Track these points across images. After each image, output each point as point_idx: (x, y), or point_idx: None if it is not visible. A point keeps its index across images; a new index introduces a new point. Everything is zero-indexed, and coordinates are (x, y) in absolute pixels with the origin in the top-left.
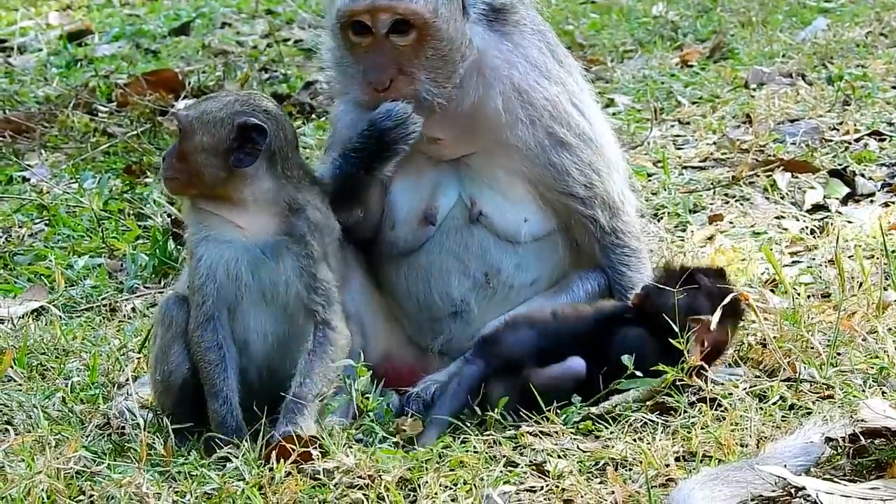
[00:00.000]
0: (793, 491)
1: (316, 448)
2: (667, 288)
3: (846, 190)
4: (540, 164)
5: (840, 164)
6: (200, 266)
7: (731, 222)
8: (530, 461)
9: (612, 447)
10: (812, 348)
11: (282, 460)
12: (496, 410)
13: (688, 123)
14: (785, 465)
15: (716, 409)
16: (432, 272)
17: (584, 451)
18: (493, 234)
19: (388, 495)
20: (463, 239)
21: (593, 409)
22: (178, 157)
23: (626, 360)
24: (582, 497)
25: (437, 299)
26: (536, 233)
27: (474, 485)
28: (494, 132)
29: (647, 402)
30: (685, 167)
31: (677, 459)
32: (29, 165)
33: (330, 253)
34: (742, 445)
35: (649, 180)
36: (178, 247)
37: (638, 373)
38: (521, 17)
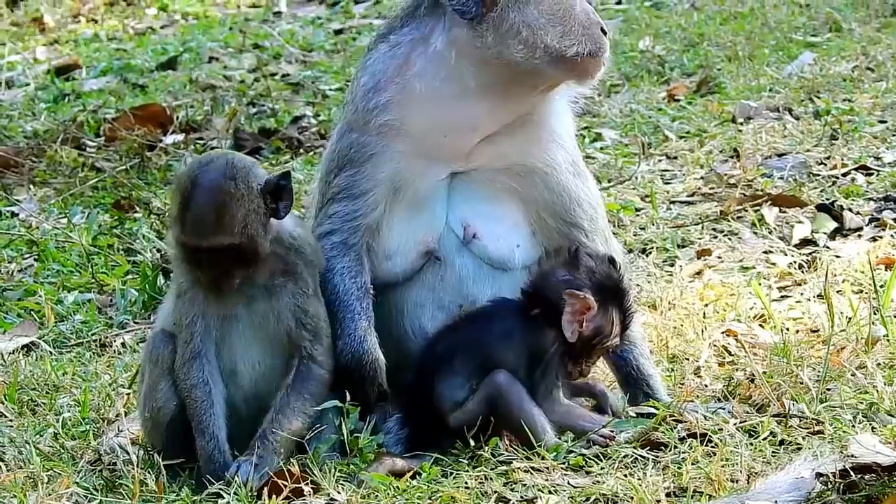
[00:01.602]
0: None
1: (307, 484)
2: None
3: (834, 224)
4: (556, 191)
5: (828, 199)
6: (189, 305)
7: (719, 257)
8: (521, 497)
9: (603, 483)
10: (801, 384)
11: (273, 496)
12: (487, 448)
13: (675, 158)
14: (776, 501)
15: (706, 445)
16: (407, 304)
17: (574, 487)
18: (485, 259)
19: None
20: (441, 269)
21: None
22: (238, 270)
23: (621, 400)
24: None
25: (410, 333)
26: (526, 260)
27: None
28: (533, 147)
29: (639, 438)
30: (673, 202)
31: (668, 495)
32: (17, 200)
33: (317, 285)
34: (733, 481)
35: (637, 215)
36: (168, 282)
37: (632, 412)
38: None
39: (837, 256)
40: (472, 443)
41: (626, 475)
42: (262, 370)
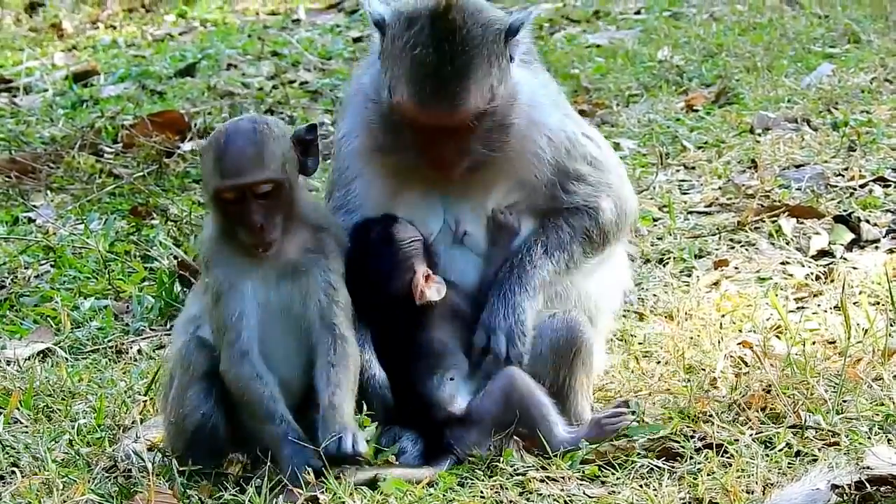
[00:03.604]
0: None
1: (323, 492)
2: None
3: (851, 236)
4: (547, 197)
5: (845, 210)
6: (232, 303)
7: (736, 268)
8: None
9: (619, 493)
10: (817, 395)
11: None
12: (503, 459)
13: (693, 168)
14: None
15: (722, 456)
16: None
17: (590, 497)
18: (476, 252)
19: None
20: (439, 263)
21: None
22: (279, 217)
23: (632, 405)
24: None
25: None
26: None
27: None
28: (517, 167)
29: (654, 449)
30: (690, 212)
31: None
32: (35, 206)
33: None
34: (748, 492)
35: (654, 225)
36: (185, 289)
37: (647, 420)
38: (533, 53)
39: (854, 268)
40: (491, 450)
41: (641, 485)
42: (289, 355)
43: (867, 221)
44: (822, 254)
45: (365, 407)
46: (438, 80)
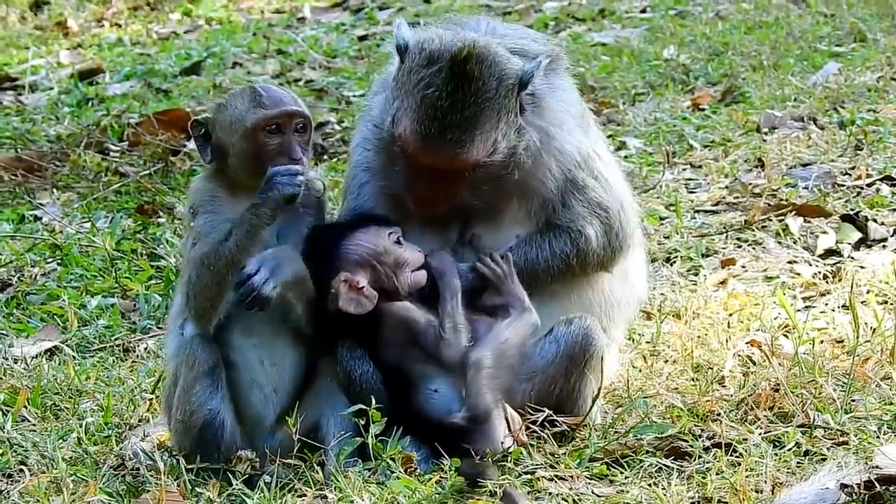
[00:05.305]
0: None
1: (332, 490)
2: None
3: (858, 235)
4: (550, 208)
5: (852, 209)
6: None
7: (743, 267)
8: None
9: (628, 492)
10: (826, 394)
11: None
12: (509, 458)
13: (700, 167)
14: None
15: (731, 455)
16: None
17: (599, 496)
18: (483, 252)
19: None
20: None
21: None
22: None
23: (641, 405)
24: None
25: None
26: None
27: None
28: (521, 182)
29: (662, 448)
30: (697, 211)
31: None
32: (41, 204)
33: None
34: (757, 491)
35: (661, 224)
36: None
37: (655, 419)
38: (560, 60)
39: (862, 267)
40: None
41: (650, 484)
42: (276, 331)
43: (874, 220)
44: (830, 253)
45: (373, 401)
46: (444, 125)
